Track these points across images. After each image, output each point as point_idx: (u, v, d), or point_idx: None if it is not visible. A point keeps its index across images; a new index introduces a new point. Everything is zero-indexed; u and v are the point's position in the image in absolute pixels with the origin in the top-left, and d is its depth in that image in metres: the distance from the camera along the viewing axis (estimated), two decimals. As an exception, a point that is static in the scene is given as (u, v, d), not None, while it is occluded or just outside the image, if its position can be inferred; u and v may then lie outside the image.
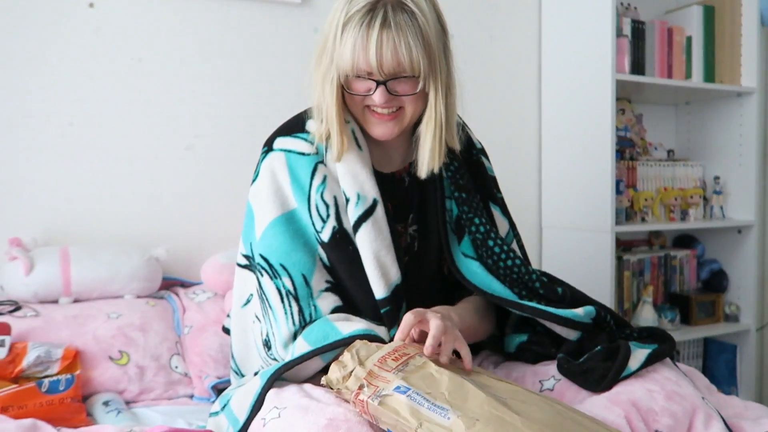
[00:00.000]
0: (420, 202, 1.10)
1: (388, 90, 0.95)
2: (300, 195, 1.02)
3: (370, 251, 0.99)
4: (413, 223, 1.09)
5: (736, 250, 2.27)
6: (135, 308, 1.41)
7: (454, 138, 1.05)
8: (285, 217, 1.02)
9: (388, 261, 1.00)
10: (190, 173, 1.70)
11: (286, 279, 1.00)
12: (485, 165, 1.18)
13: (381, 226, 1.01)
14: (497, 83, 2.11)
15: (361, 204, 1.00)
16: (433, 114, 0.99)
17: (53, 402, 1.11)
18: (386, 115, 0.99)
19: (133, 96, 1.64)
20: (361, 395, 0.76)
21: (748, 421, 0.97)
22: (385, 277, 1.00)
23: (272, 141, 1.08)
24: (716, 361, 2.30)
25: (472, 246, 1.07)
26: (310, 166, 1.03)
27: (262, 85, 1.77)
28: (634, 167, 2.18)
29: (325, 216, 1.01)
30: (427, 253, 1.09)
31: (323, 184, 1.02)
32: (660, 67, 2.11)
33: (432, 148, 1.00)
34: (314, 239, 1.02)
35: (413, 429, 0.70)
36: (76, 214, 1.59)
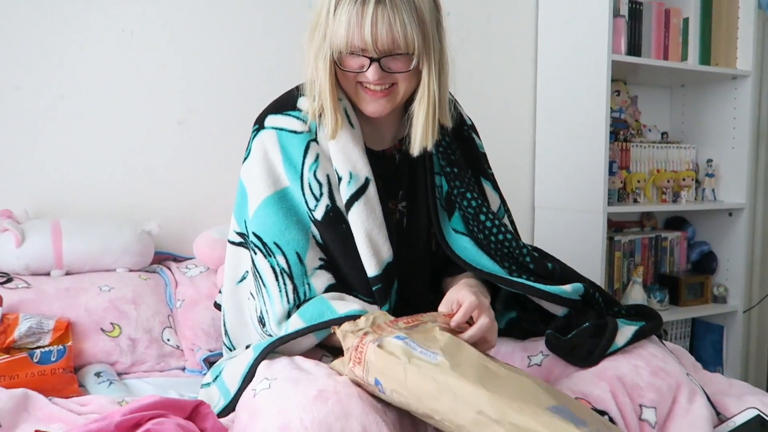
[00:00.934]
0: (410, 179, 1.10)
1: (382, 67, 0.95)
2: (292, 173, 1.02)
3: (362, 230, 1.00)
4: (403, 200, 1.09)
5: (727, 232, 2.29)
6: (127, 282, 1.41)
7: (447, 115, 1.04)
8: (277, 195, 1.02)
9: (380, 239, 1.00)
10: (183, 148, 1.69)
11: (280, 257, 1.00)
12: (476, 141, 1.18)
13: (373, 205, 1.01)
14: (493, 62, 2.10)
15: (354, 183, 1.00)
16: (426, 92, 0.98)
17: (45, 372, 1.12)
18: (379, 92, 0.98)
19: (125, 69, 1.62)
20: (365, 339, 0.78)
21: (732, 397, 0.99)
22: (377, 256, 1.00)
23: (263, 119, 1.07)
24: (703, 341, 2.34)
25: (462, 221, 1.07)
26: (302, 144, 1.03)
27: (256, 60, 1.76)
28: (628, 149, 2.19)
29: (318, 194, 1.01)
30: (417, 230, 1.10)
31: (316, 162, 1.02)
32: (656, 49, 2.10)
33: (425, 125, 1.00)
34: (307, 217, 1.02)
35: (402, 365, 0.73)
36: (67, 188, 1.58)
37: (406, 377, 0.72)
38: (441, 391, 0.70)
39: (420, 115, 1.00)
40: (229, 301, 1.13)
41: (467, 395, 0.69)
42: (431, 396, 0.71)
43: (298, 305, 1.00)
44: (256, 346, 0.97)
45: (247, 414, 0.79)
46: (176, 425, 0.79)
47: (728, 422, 0.91)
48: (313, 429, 0.69)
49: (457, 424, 0.69)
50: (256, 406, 0.77)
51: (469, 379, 0.71)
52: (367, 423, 0.71)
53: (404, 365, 0.73)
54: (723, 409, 0.96)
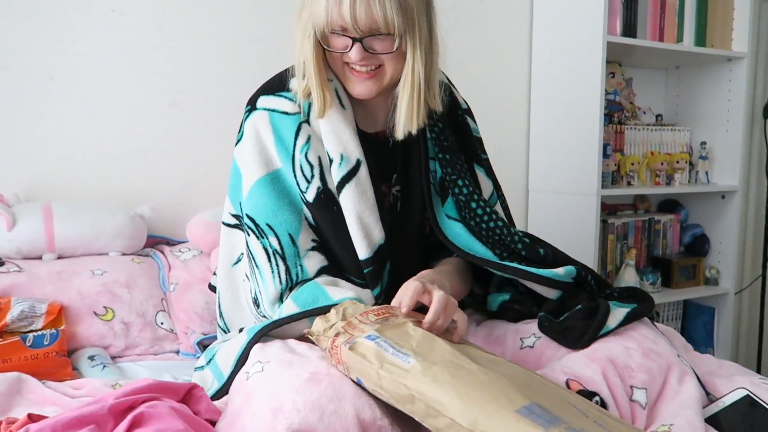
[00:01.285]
0: (404, 162, 1.09)
1: (365, 47, 0.94)
2: (284, 155, 1.02)
3: (353, 212, 0.99)
4: (396, 184, 1.09)
5: (719, 215, 2.30)
6: (120, 265, 1.41)
7: (436, 99, 1.03)
8: (270, 176, 1.02)
9: (371, 222, 1.00)
10: (175, 130, 1.68)
11: (273, 238, 1.00)
12: (470, 126, 1.17)
13: (364, 187, 1.01)
14: (488, 44, 2.08)
15: (345, 165, 1.00)
16: (410, 74, 0.97)
17: (38, 356, 1.12)
18: (365, 74, 0.98)
19: (115, 50, 1.60)
20: (336, 341, 0.78)
21: (722, 378, 1.00)
22: (368, 238, 1.00)
23: (255, 100, 1.06)
24: (694, 323, 2.36)
25: (455, 207, 1.07)
26: (293, 125, 1.02)
27: (248, 41, 1.74)
28: (622, 131, 2.18)
29: (309, 176, 1.01)
30: (410, 214, 1.09)
31: (307, 144, 1.01)
32: (652, 30, 2.09)
33: (408, 108, 0.99)
34: (299, 198, 1.02)
35: (375, 370, 0.73)
36: (58, 171, 1.57)
37: (381, 382, 0.73)
38: (414, 397, 0.70)
39: (404, 97, 0.99)
40: (224, 283, 1.13)
41: (439, 404, 0.69)
42: (406, 400, 0.71)
43: (291, 287, 1.00)
44: (250, 330, 0.97)
45: (240, 397, 0.79)
46: (170, 408, 0.79)
47: (717, 402, 0.92)
48: (305, 411, 0.69)
49: (435, 427, 0.70)
50: (249, 388, 0.77)
51: (441, 385, 0.70)
52: (359, 405, 0.72)
53: (377, 370, 0.73)
54: (713, 389, 0.97)
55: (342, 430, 0.69)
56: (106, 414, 0.77)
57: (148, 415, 0.77)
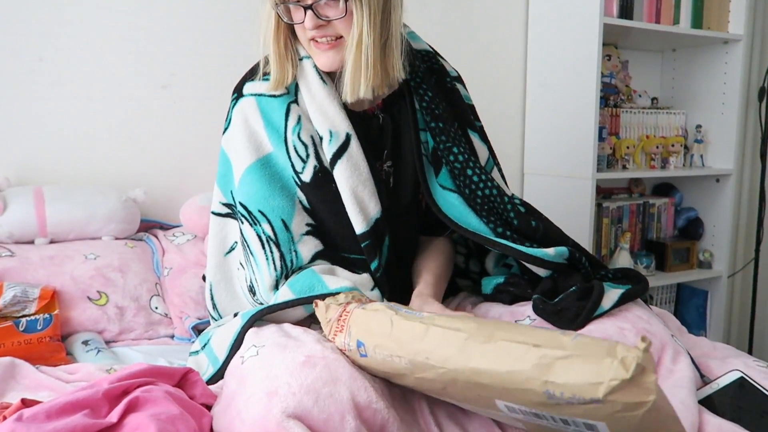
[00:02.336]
0: (394, 138, 1.09)
1: (317, 15, 0.93)
2: (276, 138, 1.01)
3: (347, 187, 0.99)
4: (387, 160, 1.08)
5: (713, 198, 2.30)
6: (113, 249, 1.40)
7: (395, 65, 1.00)
8: (260, 162, 1.01)
9: (365, 195, 1.00)
10: (168, 113, 1.66)
11: (266, 225, 0.99)
12: (461, 92, 1.15)
13: (356, 161, 1.00)
14: (483, 25, 2.06)
15: (335, 141, 0.99)
16: (356, 34, 0.94)
17: (31, 341, 1.11)
18: (325, 44, 0.97)
19: (105, 31, 1.58)
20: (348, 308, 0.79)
21: (716, 360, 1.00)
22: (364, 212, 1.00)
23: (241, 87, 1.06)
24: (687, 305, 2.37)
25: (450, 177, 1.06)
26: (282, 107, 1.01)
27: (240, 22, 1.71)
28: (618, 114, 2.18)
29: (304, 156, 1.00)
30: (402, 189, 1.09)
31: (299, 124, 1.01)
32: (648, 12, 2.08)
33: (354, 69, 0.96)
34: (292, 182, 1.01)
35: (389, 316, 0.74)
36: (48, 154, 1.55)
37: (392, 325, 0.72)
38: (428, 330, 0.70)
39: (349, 59, 0.96)
40: (216, 274, 1.12)
41: (455, 328, 0.69)
42: (418, 336, 0.70)
43: (287, 275, 0.99)
44: (245, 314, 0.96)
45: (235, 381, 0.79)
46: (165, 392, 0.79)
47: (712, 384, 0.92)
48: (301, 394, 0.69)
49: (444, 357, 0.68)
50: (244, 372, 0.77)
51: (458, 320, 0.72)
52: (354, 388, 0.71)
53: (391, 316, 0.74)
54: (707, 371, 0.97)
55: (337, 413, 0.69)
56: (100, 399, 0.77)
57: (143, 400, 0.76)
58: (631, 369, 0.55)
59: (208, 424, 0.79)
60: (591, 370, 0.57)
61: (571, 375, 0.58)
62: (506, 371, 0.62)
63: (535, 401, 0.62)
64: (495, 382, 0.64)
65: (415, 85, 1.08)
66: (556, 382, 0.59)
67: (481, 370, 0.64)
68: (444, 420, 0.80)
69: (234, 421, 0.72)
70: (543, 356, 0.60)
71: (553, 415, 0.62)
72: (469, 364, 0.65)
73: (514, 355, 0.63)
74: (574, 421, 0.61)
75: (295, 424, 0.66)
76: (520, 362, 0.62)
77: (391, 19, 0.97)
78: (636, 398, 0.56)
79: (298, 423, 0.67)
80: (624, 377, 0.55)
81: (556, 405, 0.60)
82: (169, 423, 0.72)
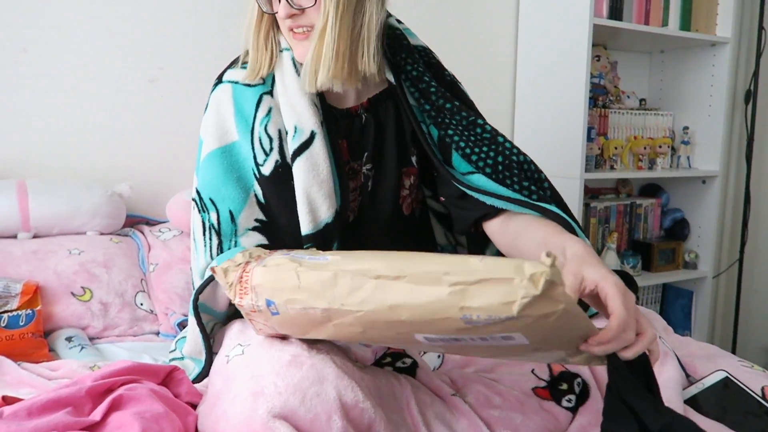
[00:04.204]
0: (376, 139, 1.06)
1: (290, 4, 0.92)
2: (243, 127, 0.99)
3: (301, 186, 0.96)
4: (368, 162, 1.06)
5: (700, 199, 2.32)
6: (98, 245, 1.38)
7: (366, 60, 0.96)
8: (221, 150, 0.99)
9: (318, 197, 0.96)
10: (154, 107, 1.64)
11: (213, 213, 0.98)
12: (460, 87, 1.14)
13: (316, 161, 0.96)
14: (473, 24, 2.06)
15: (298, 136, 0.97)
16: (321, 23, 0.92)
17: (13, 337, 1.09)
18: (300, 34, 0.96)
19: (92, 23, 1.55)
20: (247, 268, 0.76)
21: (701, 360, 1.01)
22: (313, 214, 0.96)
23: (222, 74, 1.05)
24: (673, 305, 2.39)
25: (464, 160, 1.01)
26: (255, 97, 1.00)
27: (228, 17, 1.69)
28: (606, 115, 2.19)
29: (268, 149, 0.98)
30: (382, 192, 1.07)
31: (268, 116, 0.99)
32: (637, 13, 2.09)
33: (314, 58, 0.94)
34: (251, 174, 0.99)
35: (293, 269, 0.71)
36: (32, 147, 1.53)
37: (299, 279, 0.71)
38: (337, 276, 0.68)
39: (311, 48, 0.94)
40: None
41: (364, 270, 0.67)
42: (328, 283, 0.69)
43: None
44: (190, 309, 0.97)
45: (220, 380, 0.78)
46: (149, 390, 0.78)
47: (697, 384, 0.93)
48: (287, 394, 0.68)
49: (359, 300, 0.67)
50: (230, 372, 0.76)
51: (364, 258, 0.70)
52: (341, 387, 0.71)
53: (296, 269, 0.71)
54: (692, 371, 0.98)
55: (324, 412, 0.69)
56: (83, 396, 0.76)
57: (128, 398, 0.76)
58: (540, 285, 0.58)
59: (193, 423, 0.78)
60: (503, 290, 0.59)
61: (486, 298, 0.60)
62: (423, 303, 0.63)
63: (453, 328, 0.63)
64: (413, 317, 0.64)
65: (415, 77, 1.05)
66: (471, 306, 0.61)
67: (398, 305, 0.65)
68: (432, 419, 0.79)
69: (219, 420, 0.71)
70: (456, 283, 0.62)
71: (472, 336, 0.65)
72: (385, 302, 0.65)
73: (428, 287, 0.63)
74: (492, 336, 0.64)
75: (281, 424, 0.66)
76: (436, 293, 0.62)
77: (364, 11, 0.95)
78: (547, 309, 0.59)
79: (284, 423, 0.66)
80: (534, 294, 0.58)
81: (473, 328, 0.62)
82: (153, 422, 0.71)
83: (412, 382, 0.86)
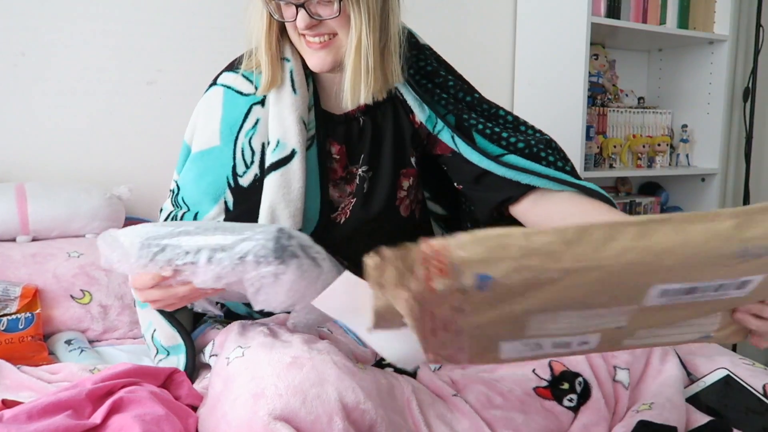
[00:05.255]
0: (373, 142, 1.05)
1: (309, 14, 0.90)
2: (227, 134, 0.99)
3: (268, 200, 0.95)
4: (364, 164, 1.05)
5: (699, 197, 2.32)
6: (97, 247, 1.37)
7: (394, 71, 0.97)
8: (203, 153, 1.01)
9: (282, 216, 0.95)
10: (153, 109, 1.64)
11: (182, 212, 1.01)
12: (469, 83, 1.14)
13: (290, 179, 0.95)
14: (471, 24, 2.06)
15: (279, 151, 0.96)
16: (355, 40, 0.91)
17: (12, 340, 1.09)
18: (317, 44, 0.94)
19: (90, 26, 1.55)
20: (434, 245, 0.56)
21: (702, 358, 1.01)
22: None
23: (218, 76, 1.05)
24: (673, 304, 2.39)
25: (488, 141, 1.01)
26: (245, 107, 0.99)
27: (227, 17, 1.69)
28: (605, 113, 2.19)
29: (249, 162, 0.98)
30: (377, 193, 1.06)
31: (254, 128, 0.98)
32: (635, 12, 2.09)
33: (353, 77, 0.94)
34: (224, 181, 0.99)
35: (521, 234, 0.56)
36: (31, 150, 1.53)
37: (530, 241, 0.57)
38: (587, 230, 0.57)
39: (348, 64, 0.93)
40: None
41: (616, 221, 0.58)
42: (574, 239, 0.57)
43: None
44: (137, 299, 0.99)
45: (221, 381, 0.77)
46: (149, 393, 0.77)
47: (698, 382, 0.92)
48: (288, 395, 0.68)
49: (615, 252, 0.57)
50: (230, 373, 0.76)
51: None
52: (342, 388, 0.71)
53: (523, 231, 0.56)
54: (693, 369, 0.98)
55: (325, 414, 0.68)
56: (83, 399, 0.76)
57: (128, 400, 0.75)
58: None
59: (194, 426, 0.78)
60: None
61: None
62: (699, 242, 0.56)
63: (720, 266, 0.58)
64: (680, 260, 0.57)
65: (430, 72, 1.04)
66: (754, 236, 0.56)
67: (667, 249, 0.56)
68: (433, 420, 0.79)
69: (220, 422, 0.71)
70: (739, 214, 0.56)
71: (721, 282, 0.60)
72: (652, 249, 0.57)
73: (704, 224, 0.57)
74: (738, 280, 0.60)
75: (282, 426, 0.66)
76: (715, 227, 0.56)
77: (389, 21, 0.95)
78: None
79: (285, 425, 0.66)
80: None
81: (739, 264, 0.57)
82: (153, 424, 0.71)
83: (413, 382, 0.86)
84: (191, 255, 0.74)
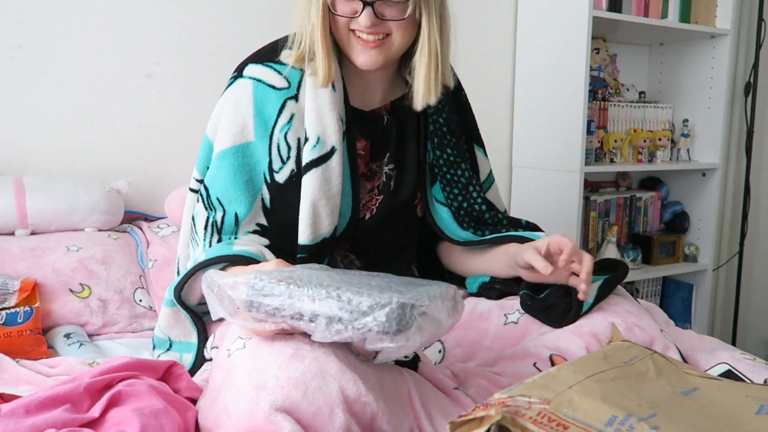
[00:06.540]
0: (398, 141, 1.07)
1: (375, 13, 0.90)
2: (262, 129, 0.98)
3: (309, 197, 0.96)
4: (389, 162, 1.06)
5: (699, 192, 2.31)
6: (96, 241, 1.37)
7: (448, 74, 1.01)
8: (236, 149, 0.98)
9: (324, 212, 0.96)
10: (152, 102, 1.63)
11: (219, 213, 0.98)
12: (469, 106, 1.17)
13: (331, 176, 0.96)
14: (472, 17, 2.05)
15: (319, 148, 0.96)
16: (426, 44, 0.94)
17: (11, 334, 1.09)
18: (371, 42, 0.93)
19: (88, 18, 1.54)
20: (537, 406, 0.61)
21: (703, 353, 1.01)
22: (314, 226, 0.96)
23: (243, 68, 1.01)
24: (673, 298, 2.39)
25: (441, 191, 1.08)
26: (278, 102, 0.98)
27: (227, 10, 1.68)
28: (606, 108, 2.18)
29: (285, 158, 0.97)
30: (402, 192, 1.08)
31: (289, 123, 0.97)
32: (637, 5, 2.08)
33: (427, 80, 0.96)
34: (261, 178, 0.98)
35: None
36: (29, 144, 1.52)
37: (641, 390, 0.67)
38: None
39: (422, 68, 0.96)
40: (186, 249, 1.09)
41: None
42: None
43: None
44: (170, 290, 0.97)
45: (221, 373, 0.77)
46: (148, 386, 0.77)
47: (700, 376, 0.92)
48: (289, 387, 0.67)
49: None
50: (231, 365, 0.75)
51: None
52: (344, 381, 0.70)
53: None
54: (695, 364, 0.97)
55: (326, 406, 0.68)
56: (82, 393, 0.75)
57: (126, 394, 0.75)
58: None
59: (193, 419, 0.77)
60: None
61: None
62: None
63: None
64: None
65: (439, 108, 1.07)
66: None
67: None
68: (434, 413, 0.79)
69: (221, 414, 0.70)
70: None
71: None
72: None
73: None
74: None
75: (284, 418, 0.65)
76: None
77: (448, 25, 0.98)
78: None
79: (286, 416, 0.65)
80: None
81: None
82: (152, 417, 0.71)
83: (414, 375, 0.85)
84: (307, 317, 0.70)
